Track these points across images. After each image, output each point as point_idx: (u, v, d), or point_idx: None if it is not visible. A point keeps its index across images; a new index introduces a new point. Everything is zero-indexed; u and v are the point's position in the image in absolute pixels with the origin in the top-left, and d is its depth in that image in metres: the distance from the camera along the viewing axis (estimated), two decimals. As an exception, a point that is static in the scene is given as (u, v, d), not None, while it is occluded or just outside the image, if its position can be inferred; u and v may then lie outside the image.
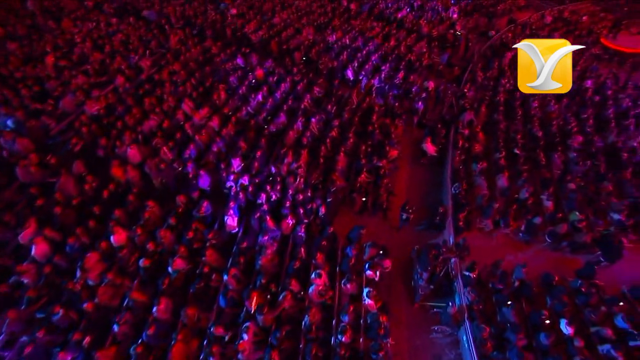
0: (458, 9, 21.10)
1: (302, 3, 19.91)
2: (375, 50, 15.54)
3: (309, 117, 11.38)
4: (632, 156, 12.03)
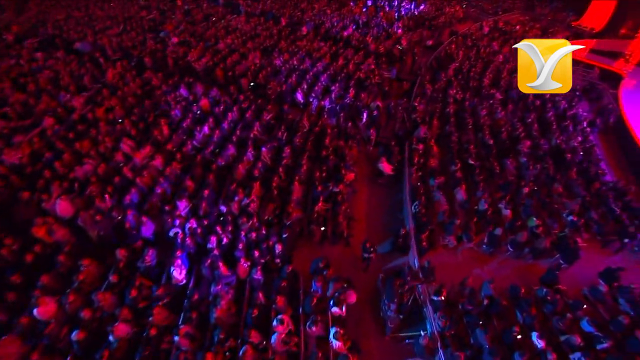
0: (402, 24, 21.82)
1: (246, 27, 19.71)
2: (324, 71, 15.53)
3: (260, 147, 10.96)
4: (574, 156, 12.67)
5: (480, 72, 17.44)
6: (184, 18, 20.59)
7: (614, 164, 13.93)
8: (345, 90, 14.39)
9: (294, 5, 24.03)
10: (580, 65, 20.03)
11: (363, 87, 14.80)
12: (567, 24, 26.63)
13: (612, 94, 17.24)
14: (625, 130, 14.77)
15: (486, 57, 19.24)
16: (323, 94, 14.16)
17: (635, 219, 10.84)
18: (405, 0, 26.83)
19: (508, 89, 16.42)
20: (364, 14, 23.18)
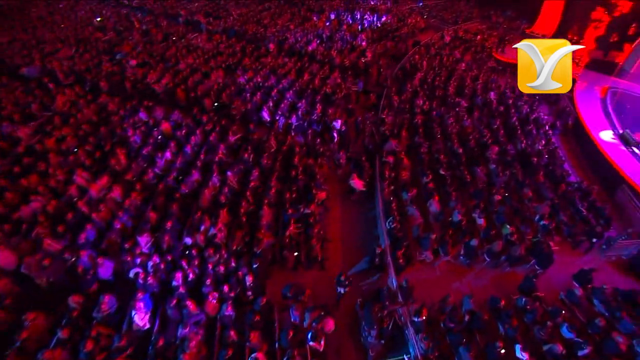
0: (366, 37, 22.12)
1: (208, 45, 19.33)
2: (289, 87, 15.35)
3: (226, 170, 10.53)
4: (540, 159, 13.00)
5: (445, 80, 17.81)
6: (142, 38, 19.96)
7: (576, 164, 14.45)
8: (312, 106, 14.24)
9: (257, 21, 23.90)
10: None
11: (330, 102, 14.70)
12: (521, 31, 27.92)
13: (568, 97, 18.03)
14: (582, 131, 15.42)
15: (449, 66, 19.74)
16: (290, 111, 13.93)
17: (601, 218, 11.19)
18: (367, 13, 27.36)
19: (473, 96, 16.84)
20: (327, 28, 23.34)
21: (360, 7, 28.81)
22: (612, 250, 10.72)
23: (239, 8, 26.62)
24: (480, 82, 18.30)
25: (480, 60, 21.47)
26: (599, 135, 14.89)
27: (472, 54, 22.19)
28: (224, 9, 25.76)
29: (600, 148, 14.06)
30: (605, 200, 12.33)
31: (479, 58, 21.70)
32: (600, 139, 14.59)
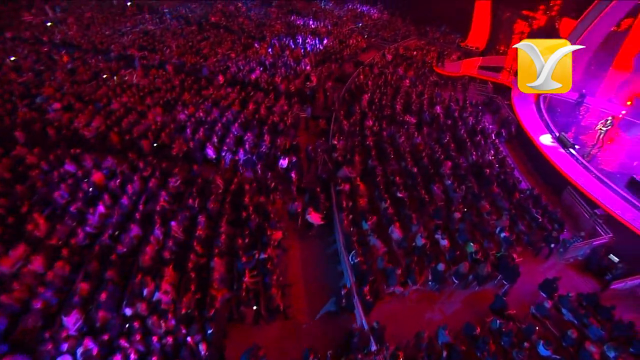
0: (309, 61, 22.18)
1: (144, 81, 18.27)
2: (234, 120, 14.73)
3: (169, 220, 9.57)
4: (492, 170, 13.34)
5: (392, 99, 18.12)
6: (68, 78, 18.44)
7: (524, 170, 15.04)
8: (259, 137, 13.69)
9: (196, 52, 23.20)
10: (477, 81, 22.11)
11: (278, 131, 14.24)
12: (456, 45, 29.72)
13: (508, 105, 19.08)
14: (525, 137, 16.20)
15: (394, 84, 20.22)
16: (236, 145, 13.26)
17: (555, 222, 11.55)
18: (309, 37, 27.67)
19: (420, 112, 17.21)
20: (269, 55, 23.18)
21: (301, 31, 29.13)
22: (569, 252, 11.04)
23: (176, 39, 25.78)
24: (426, 97, 18.86)
25: (423, 76, 22.28)
26: (540, 139, 15.69)
27: (414, 70, 23.00)
28: (159, 41, 24.80)
29: (543, 152, 14.77)
30: (556, 204, 12.85)
31: (422, 74, 22.53)
32: (542, 144, 15.36)
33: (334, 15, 35.45)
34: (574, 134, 16.40)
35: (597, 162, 14.64)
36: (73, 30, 25.69)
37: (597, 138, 15.29)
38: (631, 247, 11.14)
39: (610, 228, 11.47)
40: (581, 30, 19.93)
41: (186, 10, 32.76)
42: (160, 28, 28.14)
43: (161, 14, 31.56)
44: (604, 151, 15.37)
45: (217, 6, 34.59)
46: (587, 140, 16.01)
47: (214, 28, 28.86)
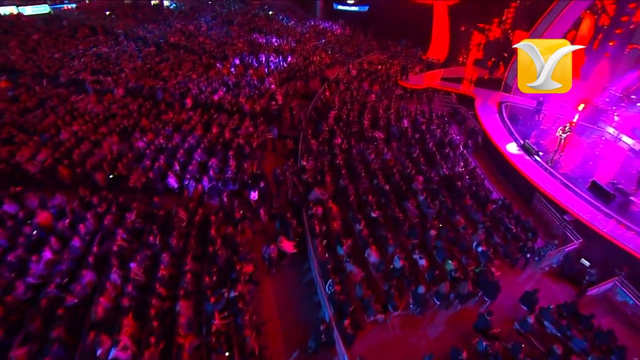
0: (274, 79, 21.92)
1: (98, 107, 17.22)
2: (197, 145, 14.07)
3: (127, 262, 8.76)
4: (463, 182, 13.43)
5: (359, 114, 18.09)
6: (8, 107, 17.03)
7: (493, 180, 15.28)
8: (224, 162, 13.11)
9: (154, 75, 22.34)
10: (441, 93, 22.64)
11: (244, 155, 13.72)
12: (418, 58, 30.57)
13: (472, 115, 19.57)
14: (492, 146, 16.58)
15: (361, 99, 20.28)
16: (200, 172, 12.60)
17: (528, 231, 11.67)
18: (272, 55, 27.51)
19: (388, 127, 17.25)
20: (232, 75, 22.72)
21: (265, 49, 28.94)
22: (544, 261, 11.13)
23: (133, 62, 24.80)
24: (393, 111, 19.00)
25: (388, 90, 22.55)
26: (506, 148, 16.10)
27: (379, 84, 23.27)
28: (114, 64, 23.73)
29: (510, 161, 15.12)
30: (527, 212, 13.04)
31: (387, 87, 22.82)
32: (508, 152, 15.74)
33: (297, 32, 35.65)
34: (536, 141, 16.95)
35: (560, 168, 15.15)
36: (16, 54, 24.08)
37: (557, 144, 15.85)
38: (598, 249, 11.44)
39: (579, 233, 11.75)
40: (534, 41, 20.91)
41: (143, 31, 31.80)
42: (116, 50, 27.05)
43: (116, 35, 30.42)
44: (564, 156, 15.95)
45: (176, 26, 33.87)
46: (548, 147, 16.58)
47: (174, 49, 28.10)
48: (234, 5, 43.22)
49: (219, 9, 41.01)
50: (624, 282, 10.24)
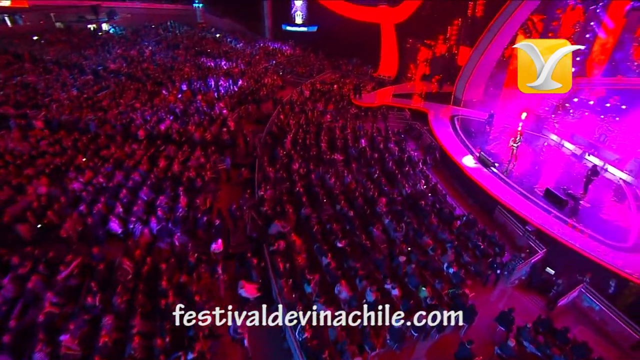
0: (225, 104, 21.12)
1: (23, 146, 15.37)
2: (142, 181, 12.87)
3: (59, 332, 7.45)
4: (427, 200, 13.33)
5: (316, 137, 17.73)
6: None
7: (455, 195, 15.42)
8: (174, 199, 12.04)
9: (92, 105, 20.62)
10: (395, 110, 23.00)
11: (196, 189, 12.74)
12: (369, 75, 31.20)
13: (427, 130, 19.94)
14: (450, 161, 16.83)
15: (316, 120, 20.00)
16: (147, 212, 11.44)
17: (495, 246, 11.69)
18: (221, 78, 26.69)
19: (346, 148, 17.01)
20: (180, 101, 21.62)
21: (213, 73, 28.05)
22: (514, 274, 11.14)
23: (67, 91, 22.83)
24: (349, 131, 18.85)
25: (343, 109, 22.54)
26: (463, 162, 16.40)
27: (334, 104, 23.21)
28: (43, 94, 21.63)
29: (469, 174, 15.36)
30: (490, 225, 13.16)
31: (342, 107, 22.80)
32: (466, 166, 16.03)
33: (246, 54, 35.19)
34: (490, 152, 17.48)
35: (515, 177, 15.63)
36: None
37: (510, 154, 16.42)
38: (560, 256, 11.69)
39: (541, 242, 11.97)
40: (477, 56, 22.07)
41: (79, 58, 29.68)
42: (46, 79, 24.84)
43: (46, 62, 28.08)
44: (517, 166, 16.54)
45: (116, 51, 32.05)
46: (502, 157, 17.15)
47: (114, 76, 26.42)
48: (179, 29, 42.02)
49: (163, 33, 39.60)
50: (589, 288, 10.46)
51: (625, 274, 10.76)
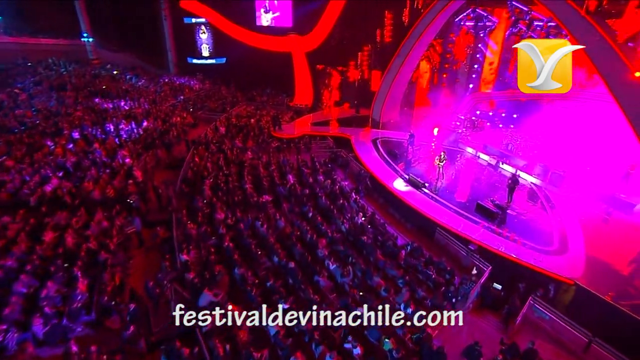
0: (129, 151, 18.52)
1: None
2: (19, 269, 10.02)
3: None
4: (368, 234, 12.69)
5: (239, 178, 16.24)
6: None
7: (392, 221, 15.10)
8: (69, 283, 9.56)
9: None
10: (317, 139, 22.60)
11: (99, 264, 10.37)
12: (286, 105, 30.79)
13: (353, 157, 19.77)
14: (381, 187, 16.65)
15: (236, 159, 18.53)
16: (26, 312, 8.78)
17: (445, 272, 11.41)
18: (122, 121, 23.69)
19: (273, 187, 15.84)
20: (71, 152, 18.40)
21: (112, 115, 24.85)
22: (468, 299, 10.89)
23: None
24: (274, 167, 17.75)
25: (263, 144, 21.44)
26: (395, 186, 16.33)
27: (253, 139, 22.01)
28: None
29: (403, 199, 15.25)
30: (434, 249, 12.97)
31: (262, 141, 21.68)
32: (398, 190, 15.95)
33: (150, 91, 32.34)
34: (419, 173, 17.72)
35: (446, 195, 15.95)
36: None
37: (437, 172, 16.84)
38: (502, 269, 11.86)
39: (485, 259, 12.05)
40: (390, 79, 22.99)
41: None
42: None
43: None
44: (446, 183, 17.00)
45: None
46: (429, 176, 17.51)
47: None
48: (66, 66, 37.02)
49: (44, 72, 34.52)
50: (536, 299, 10.62)
51: (560, 276, 11.29)
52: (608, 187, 15.89)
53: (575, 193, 16.08)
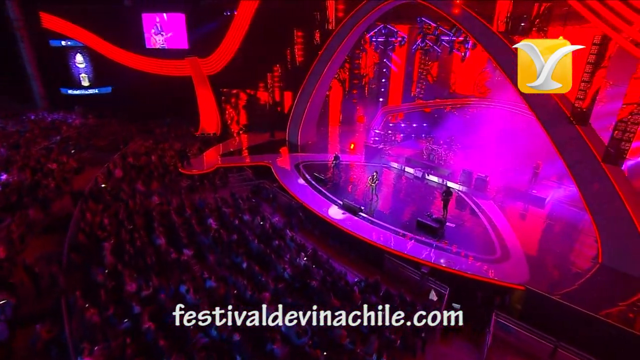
0: None
1: None
2: None
3: None
4: (315, 277, 11.36)
5: (147, 232, 13.52)
6: None
7: (336, 255, 13.93)
8: None
9: None
10: (233, 171, 20.70)
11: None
12: (191, 135, 28.15)
13: (277, 187, 18.33)
14: (317, 218, 15.48)
15: (141, 209, 15.62)
16: None
17: (407, 306, 10.62)
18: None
19: (193, 237, 13.54)
20: None
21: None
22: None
23: None
24: (189, 212, 15.38)
25: (171, 184, 18.74)
26: (330, 214, 15.32)
27: (158, 180, 19.10)
28: None
29: (342, 228, 14.30)
30: (386, 279, 12.18)
31: (169, 182, 18.94)
32: (335, 218, 14.97)
33: (9, 133, 26.61)
34: (351, 196, 17.01)
35: (383, 216, 15.44)
36: None
37: (371, 193, 16.35)
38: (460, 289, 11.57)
39: (440, 280, 11.65)
40: (305, 100, 22.41)
41: None
42: None
43: None
44: (380, 203, 16.58)
45: None
46: (362, 198, 16.90)
47: None
48: None
49: None
50: (499, 313, 10.47)
51: (512, 284, 11.43)
52: (520, 185, 17.37)
53: (497, 194, 17.10)
